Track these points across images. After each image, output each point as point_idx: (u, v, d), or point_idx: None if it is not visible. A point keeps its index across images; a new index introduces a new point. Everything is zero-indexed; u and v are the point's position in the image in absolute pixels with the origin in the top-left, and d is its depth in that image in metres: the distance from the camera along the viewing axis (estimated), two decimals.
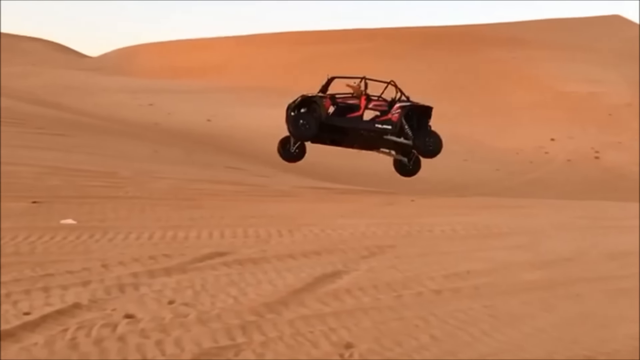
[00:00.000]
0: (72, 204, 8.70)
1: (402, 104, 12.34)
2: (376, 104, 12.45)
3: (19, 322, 4.12)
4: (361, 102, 12.35)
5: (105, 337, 3.92)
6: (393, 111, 12.21)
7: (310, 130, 12.11)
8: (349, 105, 12.43)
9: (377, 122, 12.34)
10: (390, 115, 12.20)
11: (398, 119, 12.09)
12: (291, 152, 12.63)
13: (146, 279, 5.27)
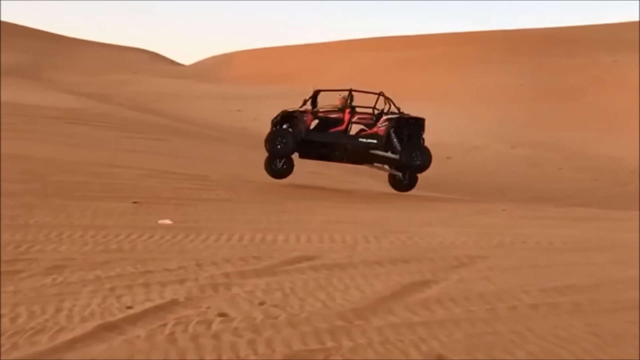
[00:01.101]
0: (169, 205, 9.15)
1: (389, 116, 11.82)
2: (361, 117, 11.96)
3: (123, 315, 4.37)
4: (345, 115, 11.88)
5: (200, 334, 4.06)
6: (379, 124, 11.68)
7: (287, 148, 11.71)
8: (331, 120, 11.98)
9: (361, 137, 11.82)
10: (377, 129, 11.66)
11: (385, 133, 11.55)
12: (278, 168, 12.04)
13: (237, 279, 5.42)
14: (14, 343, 3.82)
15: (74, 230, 7.00)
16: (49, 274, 5.30)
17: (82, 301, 4.65)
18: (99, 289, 4.96)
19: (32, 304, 4.53)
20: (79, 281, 5.17)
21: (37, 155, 12.67)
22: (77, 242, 6.53)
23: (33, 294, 4.78)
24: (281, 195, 11.03)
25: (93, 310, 4.45)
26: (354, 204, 10.96)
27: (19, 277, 5.16)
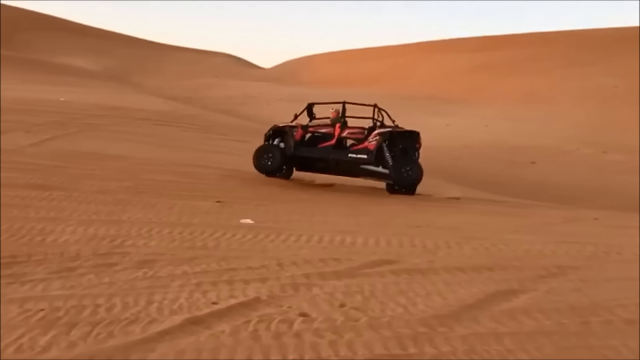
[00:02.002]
0: (250, 205, 9.38)
1: (381, 130, 11.44)
2: (351, 132, 11.63)
3: (209, 310, 4.51)
4: (335, 130, 11.61)
5: (283, 333, 4.12)
6: (370, 139, 11.33)
7: (274, 165, 11.68)
8: (321, 135, 11.76)
9: (351, 152, 11.45)
10: (367, 144, 11.31)
11: (375, 147, 11.18)
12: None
13: (318, 280, 5.45)
14: (109, 332, 4.04)
15: (162, 227, 7.31)
16: (140, 268, 5.57)
17: (171, 295, 4.85)
18: (186, 284, 5.16)
19: (125, 296, 4.77)
20: (167, 276, 5.40)
21: (129, 155, 13.38)
22: (166, 238, 6.82)
23: (126, 286, 5.04)
24: (360, 198, 11.01)
25: (181, 304, 4.63)
26: (433, 208, 10.75)
27: (113, 270, 5.46)
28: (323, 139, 11.66)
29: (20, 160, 11.16)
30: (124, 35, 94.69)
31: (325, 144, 11.56)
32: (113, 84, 44.08)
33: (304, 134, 11.77)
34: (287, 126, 11.93)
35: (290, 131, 11.78)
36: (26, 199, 8.19)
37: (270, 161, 11.64)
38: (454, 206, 11.19)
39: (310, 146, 11.69)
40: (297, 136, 11.71)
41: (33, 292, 4.76)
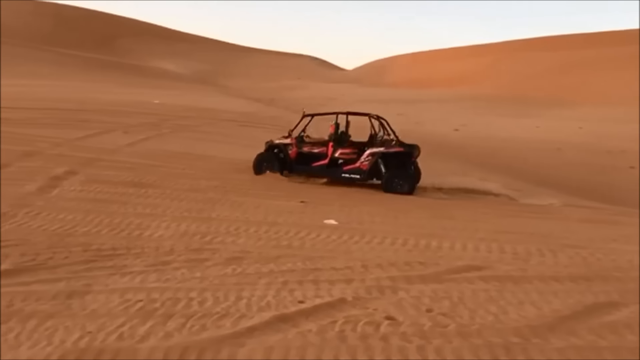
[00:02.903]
0: (334, 206, 9.41)
1: (373, 150, 11.22)
2: (343, 152, 11.52)
3: (295, 308, 4.57)
4: (328, 149, 11.57)
5: (369, 335, 4.10)
6: (363, 159, 11.24)
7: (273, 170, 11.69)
8: (315, 154, 11.73)
9: (344, 171, 11.38)
10: (360, 164, 11.26)
11: (368, 168, 11.16)
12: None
13: (403, 284, 5.38)
14: (202, 325, 4.20)
15: (249, 225, 7.50)
16: (229, 264, 5.75)
17: (259, 292, 4.96)
18: (273, 282, 5.26)
19: (216, 291, 4.94)
20: (255, 273, 5.53)
21: (216, 155, 13.86)
22: (252, 237, 6.99)
23: (217, 281, 5.22)
24: (444, 202, 10.75)
25: (269, 302, 4.72)
26: (523, 214, 10.29)
27: (204, 265, 5.67)
28: (317, 158, 11.73)
29: (119, 159, 11.86)
30: (212, 39, 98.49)
31: (319, 163, 11.67)
32: (201, 87, 45.92)
33: (298, 152, 11.83)
34: (282, 144, 11.98)
35: (285, 149, 11.87)
36: (124, 195, 8.68)
37: (269, 169, 11.78)
38: (545, 212, 10.66)
39: (304, 164, 11.78)
40: (292, 154, 11.83)
41: (132, 283, 5.04)
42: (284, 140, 11.99)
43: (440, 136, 28.51)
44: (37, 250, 5.70)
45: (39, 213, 7.15)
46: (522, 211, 10.39)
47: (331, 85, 51.97)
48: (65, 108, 20.61)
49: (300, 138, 11.94)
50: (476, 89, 46.40)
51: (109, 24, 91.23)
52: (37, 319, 4.14)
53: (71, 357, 3.61)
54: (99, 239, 6.29)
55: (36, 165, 10.21)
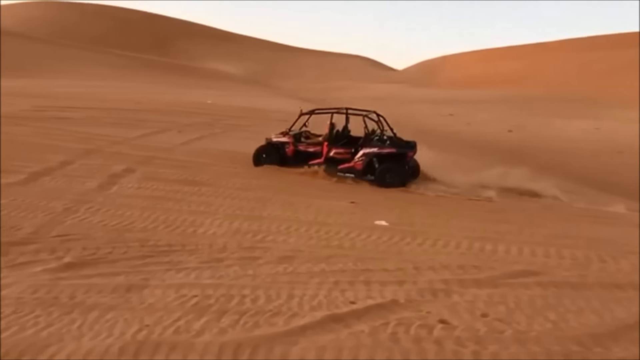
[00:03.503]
0: (384, 207, 9.34)
1: (366, 150, 11.44)
2: (338, 152, 11.74)
3: (347, 309, 4.56)
4: (323, 149, 11.82)
5: (422, 338, 4.04)
6: (357, 159, 11.49)
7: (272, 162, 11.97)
8: (311, 153, 12.01)
9: (340, 170, 11.59)
10: (354, 163, 11.50)
11: (362, 167, 11.40)
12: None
13: (457, 287, 5.28)
14: (255, 322, 4.25)
15: (300, 225, 7.54)
16: (280, 263, 5.80)
17: (310, 291, 4.98)
18: (324, 282, 5.27)
19: (268, 289, 4.99)
20: (306, 272, 5.55)
21: None
22: (303, 236, 7.02)
23: (269, 279, 5.27)
24: (499, 204, 10.49)
25: (320, 301, 4.73)
26: (582, 218, 9.92)
27: (257, 263, 5.74)
28: (313, 156, 12.01)
29: (174, 157, 12.18)
30: (265, 40, 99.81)
31: (315, 162, 11.91)
32: (253, 87, 46.56)
33: (295, 150, 12.10)
34: (279, 142, 12.20)
35: (282, 147, 12.14)
36: (179, 193, 8.90)
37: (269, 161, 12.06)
38: (606, 217, 10.23)
39: (301, 162, 12.00)
40: (289, 152, 12.12)
41: (187, 279, 5.16)
42: (282, 138, 12.23)
43: (493, 137, 27.85)
44: (97, 245, 5.92)
45: (99, 209, 7.42)
46: (581, 215, 10.01)
47: (381, 85, 51.67)
48: (124, 108, 21.34)
49: (297, 136, 12.19)
50: (530, 89, 45.08)
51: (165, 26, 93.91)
52: (98, 311, 4.30)
53: (130, 349, 3.72)
54: (155, 235, 6.46)
55: (96, 163, 10.61)
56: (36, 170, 9.33)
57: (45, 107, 19.16)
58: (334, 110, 12.22)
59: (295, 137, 12.15)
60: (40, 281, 4.81)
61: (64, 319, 4.12)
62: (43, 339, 3.79)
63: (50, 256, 5.48)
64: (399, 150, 11.46)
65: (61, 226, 6.50)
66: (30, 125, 14.89)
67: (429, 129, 30.81)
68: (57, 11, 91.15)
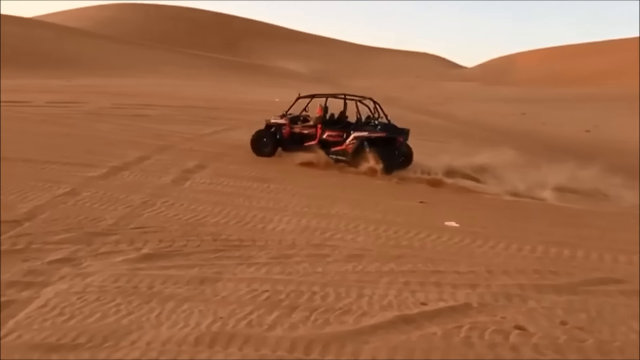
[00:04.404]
0: (454, 208, 9.13)
1: (357, 134, 11.93)
2: (330, 135, 12.29)
3: (418, 310, 4.48)
4: (317, 131, 12.40)
5: (497, 343, 3.91)
6: (348, 142, 12.02)
7: (267, 151, 12.52)
8: (305, 134, 12.54)
9: (332, 152, 12.15)
10: (345, 146, 12.03)
11: (353, 150, 11.86)
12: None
13: (533, 293, 5.08)
14: (325, 319, 4.25)
15: (368, 223, 7.50)
16: (349, 261, 5.78)
17: (380, 291, 4.93)
18: (394, 282, 5.20)
19: (337, 287, 4.99)
20: (375, 271, 5.51)
21: None
22: (372, 235, 6.98)
23: (338, 277, 5.27)
24: (576, 207, 10.01)
25: (390, 301, 4.68)
26: None
27: (325, 261, 5.75)
28: (308, 138, 12.54)
29: (243, 154, 12.44)
30: (333, 39, 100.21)
31: (310, 143, 12.44)
32: (321, 86, 46.83)
33: (291, 132, 12.67)
34: (277, 124, 12.77)
35: (279, 129, 12.72)
36: (249, 189, 9.08)
37: (265, 146, 12.63)
38: None
39: (297, 143, 12.56)
40: (285, 134, 12.67)
41: (258, 274, 5.24)
42: (279, 120, 12.85)
43: (568, 138, 26.67)
44: (172, 238, 6.12)
45: (174, 203, 7.68)
46: None
47: (451, 83, 50.64)
48: (196, 106, 22.03)
49: (294, 119, 12.76)
50: (610, 87, 42.79)
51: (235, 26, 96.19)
52: (175, 301, 4.44)
53: (205, 339, 3.82)
54: (227, 230, 6.61)
55: (170, 159, 11.00)
56: (116, 165, 9.79)
57: (124, 104, 20.08)
58: (332, 95, 12.84)
59: (292, 120, 12.74)
60: (121, 271, 5.03)
61: (144, 307, 4.28)
62: (124, 326, 3.96)
63: (129, 247, 5.72)
64: (389, 134, 11.90)
65: (139, 219, 6.78)
66: (110, 122, 15.65)
67: (501, 128, 29.91)
68: (132, 13, 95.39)
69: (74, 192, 7.74)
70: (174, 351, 3.65)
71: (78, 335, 3.77)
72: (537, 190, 11.05)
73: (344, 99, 12.61)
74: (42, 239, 5.72)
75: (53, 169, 9.11)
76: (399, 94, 41.00)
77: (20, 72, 35.93)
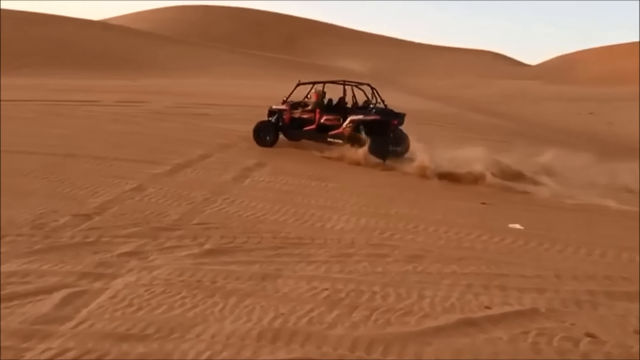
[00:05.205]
0: (517, 210, 8.86)
1: (353, 117, 12.50)
2: (328, 119, 12.87)
3: (482, 313, 4.37)
4: (316, 115, 12.95)
5: (567, 350, 3.76)
6: (345, 125, 12.54)
7: (269, 141, 13.09)
8: (305, 119, 13.09)
9: (330, 136, 12.75)
10: (342, 130, 12.57)
11: (349, 133, 12.38)
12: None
13: (605, 299, 4.85)
14: (386, 319, 4.21)
15: (427, 224, 7.38)
16: (410, 262, 5.71)
17: (441, 292, 4.84)
18: (456, 284, 5.10)
19: (398, 287, 4.93)
20: (437, 273, 5.41)
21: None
22: (432, 236, 6.86)
23: (398, 277, 5.21)
24: None
25: (453, 304, 4.58)
26: None
27: (385, 261, 5.70)
28: (307, 123, 13.09)
29: (301, 153, 12.54)
30: (392, 37, 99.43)
31: (309, 128, 13.05)
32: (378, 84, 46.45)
33: (292, 117, 13.23)
34: (278, 109, 13.42)
35: (281, 114, 13.29)
36: (307, 188, 9.13)
37: (265, 138, 13.15)
38: None
39: (297, 128, 13.21)
40: (286, 119, 13.25)
41: (317, 272, 5.26)
42: (281, 106, 13.50)
43: (637, 139, 25.36)
44: (234, 234, 6.23)
45: (234, 200, 7.82)
46: None
47: (512, 82, 49.14)
48: (256, 105, 22.33)
49: (294, 105, 13.36)
50: None
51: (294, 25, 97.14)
52: (237, 296, 4.51)
53: (268, 335, 3.86)
54: (286, 228, 6.67)
55: (231, 157, 11.22)
56: (179, 162, 10.07)
57: (186, 104, 20.65)
58: (331, 81, 13.55)
59: (292, 106, 13.37)
60: (185, 265, 5.16)
61: (207, 301, 4.38)
62: (190, 318, 4.06)
63: (192, 242, 5.87)
64: (383, 117, 12.47)
65: (201, 215, 6.94)
66: (173, 120, 16.13)
67: (565, 128, 28.81)
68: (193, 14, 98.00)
69: (141, 188, 8.02)
70: (237, 345, 3.71)
71: (146, 326, 3.89)
72: (605, 192, 10.57)
73: (343, 84, 13.29)
74: (111, 232, 5.96)
75: (121, 165, 9.48)
76: (456, 93, 40.20)
77: (89, 73, 37.61)
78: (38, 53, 41.74)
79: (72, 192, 7.60)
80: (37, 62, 39.52)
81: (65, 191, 7.61)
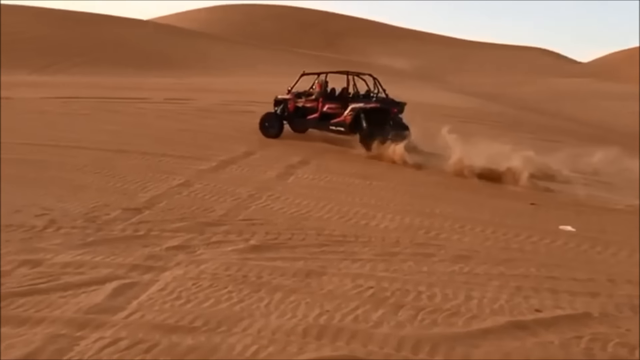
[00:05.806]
0: (568, 211, 8.61)
1: (354, 105, 12.86)
2: (330, 107, 13.27)
3: (532, 316, 4.26)
4: (319, 104, 13.38)
5: (623, 357, 3.63)
6: (346, 113, 12.91)
7: (273, 131, 13.59)
8: (308, 108, 13.54)
9: (332, 124, 13.16)
10: (343, 118, 12.91)
11: (350, 121, 12.80)
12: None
13: None
14: (433, 319, 4.15)
15: (474, 224, 7.24)
16: (456, 262, 5.62)
17: (489, 294, 4.74)
18: (504, 286, 4.98)
19: (444, 287, 4.86)
20: (484, 274, 5.30)
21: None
22: (479, 236, 6.73)
23: (445, 277, 5.13)
24: None
25: (502, 306, 4.48)
26: None
27: (431, 260, 5.63)
28: (311, 111, 13.54)
29: (345, 151, 12.53)
30: (436, 34, 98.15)
31: (312, 116, 13.47)
32: (422, 82, 46.05)
33: (296, 106, 13.71)
34: (283, 99, 13.92)
35: (285, 103, 13.81)
36: (351, 185, 9.11)
37: (270, 128, 13.63)
38: None
39: (301, 117, 13.67)
40: (290, 108, 13.75)
41: (362, 270, 5.23)
42: (286, 95, 14.00)
43: None
44: (278, 230, 6.27)
45: (279, 197, 7.87)
46: None
47: (563, 80, 47.69)
48: None
49: (299, 94, 13.82)
50: None
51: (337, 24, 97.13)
52: (282, 292, 4.54)
53: (313, 331, 3.86)
54: (330, 225, 6.67)
55: (274, 154, 11.30)
56: (224, 159, 10.22)
57: (231, 101, 20.92)
58: (335, 72, 13.87)
59: (297, 95, 13.85)
60: (231, 260, 5.23)
61: (253, 296, 4.42)
62: (236, 313, 4.11)
63: (238, 238, 5.94)
64: (382, 105, 12.87)
65: (247, 211, 7.02)
66: (219, 118, 16.38)
67: (617, 128, 27.80)
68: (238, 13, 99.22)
69: (188, 184, 8.17)
70: (283, 341, 3.73)
71: (194, 319, 3.96)
72: None
73: (347, 74, 13.64)
74: (160, 226, 6.09)
75: (169, 161, 9.69)
76: (505, 91, 39.29)
77: (138, 71, 38.62)
78: (90, 52, 43.15)
79: (123, 186, 7.81)
80: (89, 61, 40.85)
81: (116, 185, 7.84)
